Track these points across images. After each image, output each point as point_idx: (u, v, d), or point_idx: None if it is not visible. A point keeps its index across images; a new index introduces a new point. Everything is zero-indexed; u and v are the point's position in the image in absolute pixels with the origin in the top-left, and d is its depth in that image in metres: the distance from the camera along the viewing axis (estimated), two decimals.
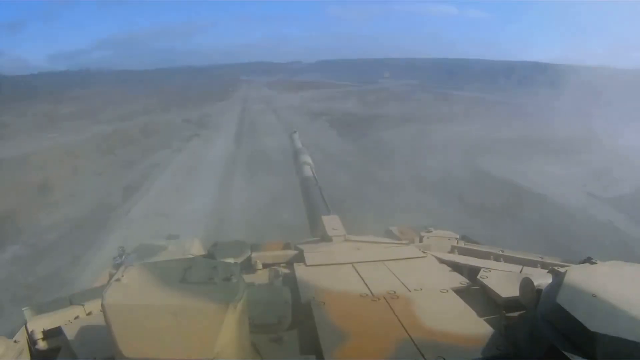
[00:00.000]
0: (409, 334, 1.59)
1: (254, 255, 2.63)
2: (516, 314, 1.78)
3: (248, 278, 2.17)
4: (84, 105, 53.90)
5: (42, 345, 1.92)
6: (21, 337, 1.92)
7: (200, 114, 36.86)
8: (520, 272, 2.33)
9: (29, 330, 1.93)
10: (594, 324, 1.28)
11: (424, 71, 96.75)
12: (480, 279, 2.11)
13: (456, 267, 2.39)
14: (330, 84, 70.34)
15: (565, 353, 1.30)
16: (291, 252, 2.62)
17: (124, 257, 3.04)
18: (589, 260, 1.84)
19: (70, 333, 1.84)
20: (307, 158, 5.15)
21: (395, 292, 1.93)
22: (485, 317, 1.77)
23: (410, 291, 1.97)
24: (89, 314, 2.08)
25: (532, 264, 2.56)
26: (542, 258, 2.65)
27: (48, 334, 1.95)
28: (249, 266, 2.57)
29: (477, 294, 2.05)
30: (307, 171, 4.74)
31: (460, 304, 1.87)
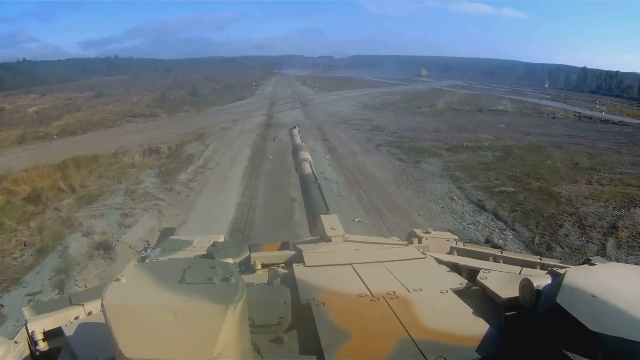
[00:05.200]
0: (409, 334, 1.41)
1: (252, 255, 2.23)
2: (516, 314, 1.56)
3: (247, 278, 1.86)
4: (62, 100, 37.65)
5: (42, 345, 1.69)
6: (22, 337, 1.70)
7: (194, 129, 19.27)
8: (520, 273, 2.01)
9: (30, 331, 1.70)
10: (594, 324, 1.16)
11: (460, 71, 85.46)
12: (480, 280, 1.80)
13: (455, 268, 2.08)
14: (374, 82, 55.50)
15: (566, 352, 1.19)
16: (290, 253, 2.26)
17: (148, 250, 2.55)
18: (588, 262, 1.70)
19: (70, 333, 1.65)
20: (306, 155, 4.18)
21: (394, 293, 1.70)
22: (485, 318, 1.53)
23: (409, 291, 1.73)
24: (89, 314, 1.85)
25: (531, 265, 2.23)
26: (541, 259, 2.31)
27: (48, 335, 1.72)
28: (247, 266, 2.19)
29: (476, 295, 1.78)
30: (307, 168, 3.96)
31: (460, 304, 1.65)
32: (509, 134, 21.01)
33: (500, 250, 2.45)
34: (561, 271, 1.43)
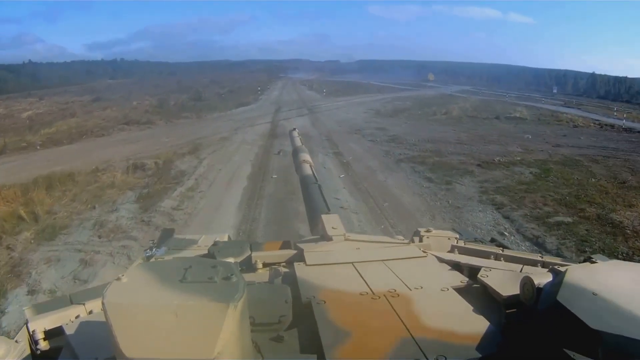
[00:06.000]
0: (409, 332, 1.39)
1: (253, 254, 2.19)
2: (516, 312, 1.53)
3: (248, 277, 1.76)
4: (59, 105, 35.36)
5: (43, 345, 1.63)
6: (22, 337, 1.63)
7: (190, 139, 17.18)
8: (521, 271, 2.00)
9: (30, 330, 1.64)
10: (595, 322, 1.14)
11: (466, 76, 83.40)
12: (481, 278, 1.78)
13: (456, 266, 2.06)
14: (382, 87, 53.79)
15: (566, 351, 1.16)
16: (291, 252, 2.22)
17: (154, 249, 2.46)
18: (589, 260, 1.73)
19: (71, 332, 1.60)
20: (306, 156, 4.00)
21: (395, 291, 1.67)
22: (486, 316, 1.51)
23: (410, 290, 1.70)
24: (90, 313, 1.79)
25: (533, 263, 2.18)
26: (542, 257, 2.26)
27: (49, 334, 1.66)
28: (249, 266, 2.14)
29: (477, 293, 1.74)
30: (307, 169, 3.82)
31: (460, 302, 1.63)
32: (537, 145, 18.99)
33: (501, 248, 2.36)
34: (562, 269, 1.41)
